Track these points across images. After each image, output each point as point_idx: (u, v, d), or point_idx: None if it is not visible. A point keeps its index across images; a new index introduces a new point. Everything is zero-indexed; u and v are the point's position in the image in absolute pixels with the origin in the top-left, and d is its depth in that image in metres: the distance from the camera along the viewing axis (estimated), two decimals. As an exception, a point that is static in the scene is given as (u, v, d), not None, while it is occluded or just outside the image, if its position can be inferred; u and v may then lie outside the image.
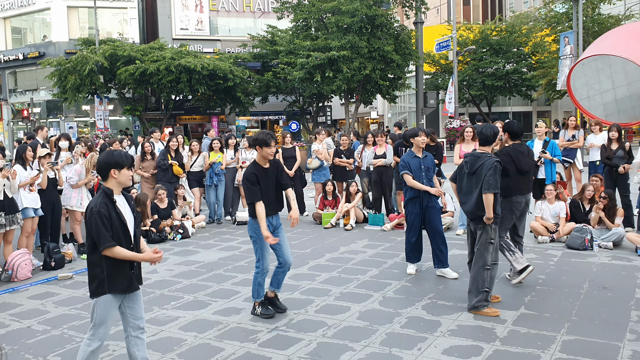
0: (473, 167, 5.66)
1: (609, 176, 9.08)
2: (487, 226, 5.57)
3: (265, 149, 5.54)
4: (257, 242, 5.61)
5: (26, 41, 36.88)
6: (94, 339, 3.95)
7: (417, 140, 7.16)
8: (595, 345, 4.69)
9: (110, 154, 3.97)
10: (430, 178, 7.08)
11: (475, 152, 5.85)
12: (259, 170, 5.59)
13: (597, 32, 25.81)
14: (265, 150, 5.55)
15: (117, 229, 3.82)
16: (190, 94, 26.53)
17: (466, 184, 5.78)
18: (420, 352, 4.66)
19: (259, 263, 5.66)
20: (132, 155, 4.27)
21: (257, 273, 5.67)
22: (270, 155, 5.63)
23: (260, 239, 5.56)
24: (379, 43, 22.81)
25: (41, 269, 7.86)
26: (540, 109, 39.31)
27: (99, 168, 3.97)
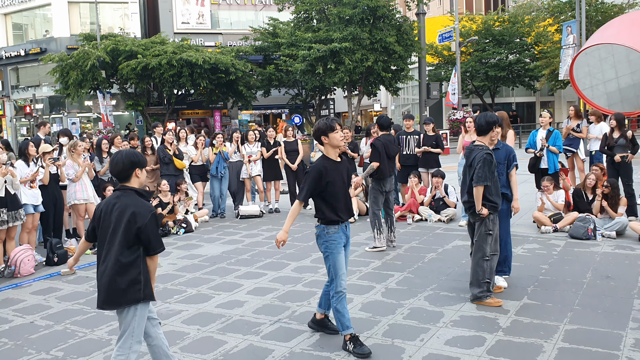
0: (469, 159, 5.63)
1: (612, 165, 9.04)
2: (486, 217, 5.54)
3: (333, 135, 4.62)
4: (330, 257, 4.60)
5: (27, 37, 36.87)
6: (132, 354, 3.72)
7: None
8: (598, 334, 4.68)
9: (134, 154, 3.84)
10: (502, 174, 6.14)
11: (472, 144, 5.77)
12: (330, 164, 4.63)
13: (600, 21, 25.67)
14: (333, 136, 4.62)
15: None
16: (192, 88, 26.51)
17: (465, 175, 5.75)
18: (422, 343, 4.65)
19: (333, 284, 4.59)
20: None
21: (333, 297, 4.57)
22: (341, 143, 4.69)
23: (332, 252, 4.58)
24: (381, 34, 22.72)
25: (44, 264, 7.89)
26: (543, 99, 39.17)
27: (123, 168, 3.74)
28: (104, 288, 3.68)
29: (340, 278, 4.57)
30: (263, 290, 6.26)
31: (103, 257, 3.74)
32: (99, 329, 5.33)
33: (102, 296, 3.70)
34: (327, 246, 4.61)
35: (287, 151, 11.29)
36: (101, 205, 3.84)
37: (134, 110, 29.08)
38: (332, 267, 4.59)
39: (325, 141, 4.65)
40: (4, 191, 7.32)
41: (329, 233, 4.60)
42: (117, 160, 3.79)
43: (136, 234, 3.63)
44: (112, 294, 3.65)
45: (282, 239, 4.59)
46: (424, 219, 9.68)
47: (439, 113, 35.22)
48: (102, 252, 3.75)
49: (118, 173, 3.79)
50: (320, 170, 4.56)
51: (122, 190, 3.77)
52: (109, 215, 3.71)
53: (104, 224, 3.74)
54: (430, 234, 8.71)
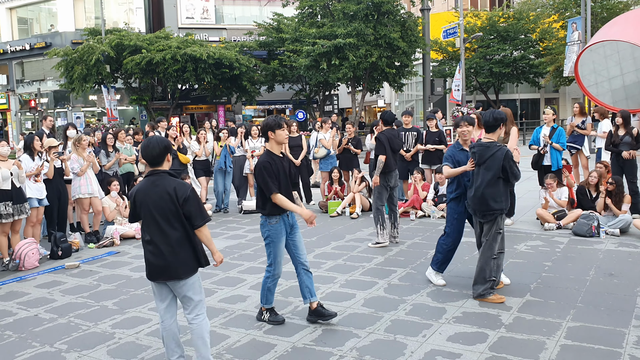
0: (483, 158, 5.45)
1: (616, 162, 9.01)
2: (497, 216, 5.47)
3: (279, 132, 4.99)
4: (270, 245, 5.04)
5: (32, 31, 36.94)
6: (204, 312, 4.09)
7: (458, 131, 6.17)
8: (601, 331, 4.68)
9: (166, 140, 4.06)
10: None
11: (483, 142, 5.58)
12: (275, 159, 5.02)
13: (606, 18, 25.55)
14: (278, 133, 5.00)
15: None
16: (196, 83, 26.52)
17: (475, 174, 5.56)
18: (425, 339, 4.66)
19: (271, 267, 5.09)
20: None
21: (268, 278, 5.12)
22: (285, 140, 5.11)
23: (275, 241, 5.02)
24: (385, 30, 22.68)
25: (48, 258, 7.93)
26: (547, 95, 39.04)
27: (158, 153, 3.93)
28: (161, 262, 3.89)
29: (279, 264, 5.09)
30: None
31: (151, 236, 3.92)
32: (103, 323, 5.36)
33: (161, 269, 3.91)
34: (269, 235, 5.02)
35: (291, 146, 11.28)
36: (138, 190, 3.99)
37: (138, 104, 29.12)
38: (273, 254, 5.06)
39: (272, 137, 5.01)
40: (10, 184, 7.34)
41: (270, 223, 5.00)
42: (152, 145, 3.96)
43: (181, 208, 3.86)
44: (173, 266, 3.88)
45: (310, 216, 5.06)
46: (427, 215, 9.68)
47: (443, 109, 35.11)
48: (149, 232, 3.93)
49: (153, 158, 3.95)
50: (269, 162, 4.95)
51: (156, 174, 3.95)
52: (150, 196, 3.89)
53: (145, 206, 3.91)
54: (433, 230, 8.71)
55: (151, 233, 3.92)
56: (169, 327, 4.07)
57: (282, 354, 4.50)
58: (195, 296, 4.01)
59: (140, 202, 3.94)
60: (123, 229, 8.96)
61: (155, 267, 3.93)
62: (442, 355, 4.35)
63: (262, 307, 5.24)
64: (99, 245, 8.53)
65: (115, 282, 6.68)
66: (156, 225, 3.89)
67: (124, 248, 8.43)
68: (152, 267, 3.95)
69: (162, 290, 4.05)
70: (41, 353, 4.73)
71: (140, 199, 3.94)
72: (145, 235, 3.98)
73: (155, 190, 3.89)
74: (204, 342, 4.04)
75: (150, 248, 3.93)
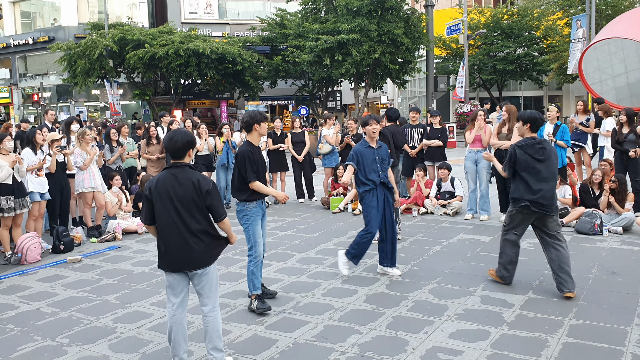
0: (545, 154, 5.48)
1: (620, 160, 8.98)
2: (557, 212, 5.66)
3: (264, 125, 5.42)
4: (250, 228, 5.31)
5: (35, 25, 36.94)
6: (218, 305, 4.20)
7: (368, 129, 6.33)
8: (603, 329, 4.67)
9: (190, 134, 4.14)
10: (385, 170, 6.29)
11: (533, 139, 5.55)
12: (254, 149, 5.39)
13: (611, 16, 25.41)
14: (263, 126, 5.42)
15: None
16: (199, 78, 26.48)
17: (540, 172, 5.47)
18: (426, 336, 4.65)
19: (252, 250, 5.34)
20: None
21: (251, 261, 5.34)
22: (266, 133, 5.57)
23: (252, 222, 5.30)
24: (388, 26, 22.60)
25: (50, 252, 7.93)
26: (551, 93, 38.91)
27: (182, 147, 4.02)
28: (186, 252, 3.97)
29: (258, 245, 5.34)
30: (268, 280, 6.26)
31: (173, 227, 3.97)
32: (104, 317, 5.36)
33: (185, 259, 3.98)
34: (247, 219, 5.32)
35: (294, 142, 11.27)
36: (157, 181, 4.03)
37: (140, 99, 29.11)
38: (252, 236, 5.32)
39: (256, 129, 5.39)
40: (11, 179, 7.34)
41: (248, 208, 5.32)
42: (176, 139, 4.05)
43: (204, 200, 3.97)
44: (197, 255, 3.99)
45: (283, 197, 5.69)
46: (430, 212, 9.67)
47: (446, 106, 35.07)
48: (170, 223, 3.97)
49: (176, 151, 4.04)
50: (251, 151, 5.28)
51: (177, 167, 4.03)
52: (173, 188, 3.96)
53: (166, 197, 3.96)
54: (436, 227, 8.69)
55: (173, 224, 3.96)
56: (179, 321, 4.09)
57: (283, 350, 4.50)
58: (212, 287, 4.12)
59: (160, 192, 3.97)
60: (125, 223, 8.96)
61: (178, 258, 3.98)
62: (443, 352, 4.34)
63: (251, 296, 5.38)
64: (101, 240, 8.54)
65: (117, 277, 6.68)
66: (179, 216, 3.95)
67: (126, 242, 8.43)
68: (174, 257, 3.98)
69: (180, 283, 4.08)
70: (43, 347, 4.73)
71: (161, 189, 3.97)
72: (165, 227, 3.99)
73: (178, 182, 3.96)
74: (218, 335, 4.12)
75: (171, 239, 3.97)
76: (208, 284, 4.09)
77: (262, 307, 5.30)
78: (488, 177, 8.81)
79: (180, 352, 4.10)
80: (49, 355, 4.56)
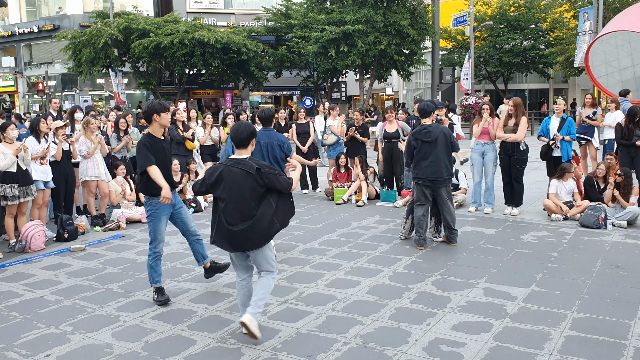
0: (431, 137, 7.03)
1: (627, 154, 8.92)
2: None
3: (164, 115, 5.26)
4: (153, 222, 5.27)
5: (41, 14, 36.89)
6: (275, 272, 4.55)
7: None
8: (606, 323, 4.66)
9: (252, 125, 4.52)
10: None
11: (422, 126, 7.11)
12: (156, 140, 5.28)
13: (618, 8, 25.22)
14: (164, 116, 5.26)
15: None
16: (203, 67, 26.45)
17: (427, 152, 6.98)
18: (429, 328, 4.66)
19: (152, 245, 5.33)
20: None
21: (150, 256, 5.34)
22: (168, 124, 5.40)
23: (155, 218, 5.26)
24: (394, 17, 22.51)
25: (54, 240, 7.95)
26: (557, 86, 38.74)
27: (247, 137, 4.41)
28: (243, 234, 4.29)
29: (159, 241, 5.33)
30: (271, 271, 6.28)
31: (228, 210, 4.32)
32: (108, 305, 5.38)
33: (243, 241, 4.33)
34: (151, 214, 5.29)
35: (298, 133, 11.25)
36: (224, 167, 4.36)
37: (145, 89, 29.11)
38: (153, 232, 5.31)
39: (156, 119, 5.26)
40: (16, 167, 7.36)
41: (152, 203, 5.26)
42: (241, 130, 4.44)
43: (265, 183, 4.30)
44: (255, 237, 4.32)
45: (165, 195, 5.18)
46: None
47: (451, 98, 34.96)
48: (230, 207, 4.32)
49: (241, 140, 4.44)
50: (146, 143, 5.21)
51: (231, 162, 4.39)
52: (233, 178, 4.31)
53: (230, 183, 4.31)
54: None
55: (235, 212, 4.29)
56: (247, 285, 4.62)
57: (286, 340, 4.50)
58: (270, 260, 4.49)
59: (226, 177, 4.31)
60: (129, 212, 8.98)
61: (244, 239, 4.31)
62: (446, 344, 4.34)
63: (153, 288, 5.44)
64: (105, 229, 8.56)
65: (121, 265, 6.70)
66: (239, 206, 4.29)
67: (130, 231, 8.45)
68: (240, 239, 4.31)
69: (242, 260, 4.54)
70: (46, 334, 4.75)
71: (226, 174, 4.31)
72: (224, 214, 4.32)
73: (240, 174, 4.29)
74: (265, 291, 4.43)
75: (239, 222, 4.28)
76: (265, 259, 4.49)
77: (161, 299, 5.35)
78: (494, 170, 8.78)
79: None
80: (53, 342, 4.58)
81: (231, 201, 4.32)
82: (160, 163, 5.24)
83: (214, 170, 4.44)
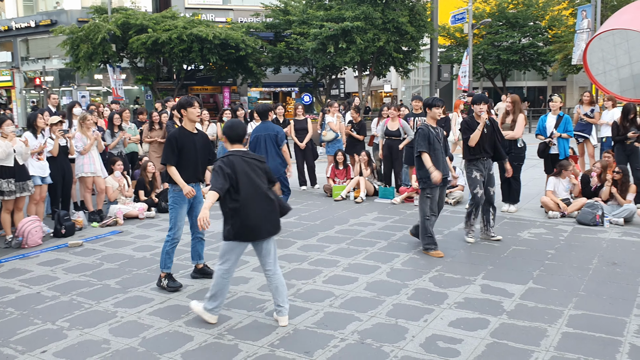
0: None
1: (622, 152, 8.94)
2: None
3: (191, 110, 5.45)
4: (174, 209, 5.53)
5: (38, 8, 36.72)
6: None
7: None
8: (602, 319, 4.67)
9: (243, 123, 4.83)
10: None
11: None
12: (186, 134, 5.51)
13: (616, 6, 25.21)
14: (190, 111, 5.46)
15: None
16: (202, 63, 26.37)
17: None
18: (426, 324, 4.66)
19: (171, 232, 5.56)
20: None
21: (167, 241, 5.57)
22: (197, 118, 5.62)
23: (177, 205, 5.51)
24: (393, 14, 22.47)
25: (51, 236, 7.94)
26: (555, 84, 38.78)
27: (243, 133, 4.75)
28: (267, 220, 4.55)
29: (178, 228, 5.56)
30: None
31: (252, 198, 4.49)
32: (105, 301, 5.37)
33: (269, 227, 4.57)
34: (174, 201, 5.52)
35: (297, 129, 11.24)
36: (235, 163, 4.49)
37: (143, 84, 29.02)
38: (174, 219, 5.54)
39: (184, 114, 5.50)
40: (13, 161, 7.34)
41: (175, 190, 5.50)
42: (236, 126, 4.73)
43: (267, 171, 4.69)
44: (276, 223, 4.63)
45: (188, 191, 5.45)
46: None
47: (449, 96, 34.95)
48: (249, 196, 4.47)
49: (239, 136, 4.71)
50: (175, 136, 5.42)
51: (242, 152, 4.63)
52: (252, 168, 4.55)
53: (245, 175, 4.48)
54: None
55: (259, 199, 4.50)
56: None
57: (284, 336, 4.51)
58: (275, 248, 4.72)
59: (241, 171, 4.45)
60: (127, 208, 8.97)
61: (266, 227, 4.54)
62: (443, 340, 4.35)
63: (161, 274, 5.60)
64: (103, 225, 8.55)
65: (118, 262, 6.70)
66: (261, 192, 4.52)
67: (127, 228, 8.44)
68: (261, 228, 4.52)
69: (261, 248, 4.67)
70: (43, 330, 4.75)
71: (241, 169, 4.46)
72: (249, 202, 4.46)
73: (253, 163, 4.56)
74: (284, 287, 4.72)
75: (259, 212, 4.49)
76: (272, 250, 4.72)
77: (172, 285, 5.53)
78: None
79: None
80: (49, 338, 4.58)
81: (254, 190, 4.50)
82: (186, 157, 5.46)
83: (229, 164, 4.47)
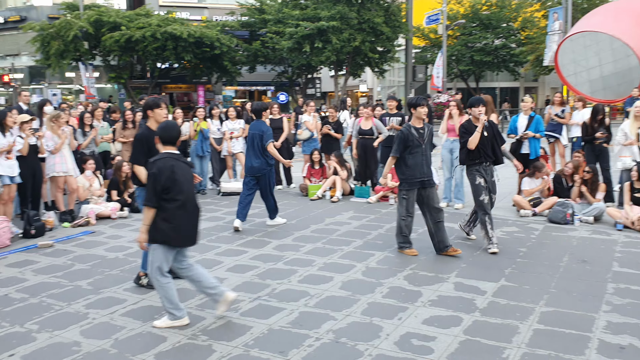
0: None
1: (592, 152, 9.13)
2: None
3: (157, 111, 5.37)
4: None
5: (6, 4, 36.00)
6: None
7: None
8: (572, 316, 4.76)
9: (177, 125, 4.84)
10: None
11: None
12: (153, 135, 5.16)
13: (586, 9, 25.74)
14: (157, 112, 5.37)
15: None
16: (176, 62, 26.17)
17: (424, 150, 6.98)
18: (400, 322, 4.69)
19: None
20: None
21: None
22: (163, 120, 5.34)
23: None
24: (369, 14, 22.59)
25: (20, 236, 7.76)
26: (527, 84, 39.35)
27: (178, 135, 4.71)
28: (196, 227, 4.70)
29: None
30: (243, 267, 6.25)
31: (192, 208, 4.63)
32: (76, 303, 5.28)
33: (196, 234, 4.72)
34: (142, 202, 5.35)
35: (272, 128, 11.15)
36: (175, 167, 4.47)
37: (116, 83, 28.66)
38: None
39: (151, 115, 5.45)
40: (-19, 161, 7.17)
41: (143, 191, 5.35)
42: (171, 128, 4.69)
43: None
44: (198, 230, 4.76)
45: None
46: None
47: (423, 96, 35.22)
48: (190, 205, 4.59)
49: (173, 138, 4.65)
50: (145, 136, 5.38)
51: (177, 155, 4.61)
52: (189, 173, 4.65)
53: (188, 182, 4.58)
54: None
55: (192, 206, 4.60)
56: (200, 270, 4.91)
57: (258, 336, 4.49)
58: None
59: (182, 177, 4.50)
60: (99, 208, 8.83)
61: (195, 234, 4.70)
62: (417, 338, 4.38)
63: (140, 272, 5.66)
64: (74, 225, 8.40)
65: (90, 262, 6.59)
66: (193, 199, 4.63)
67: (100, 228, 8.32)
68: (192, 234, 4.66)
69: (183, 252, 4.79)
70: (11, 333, 4.64)
71: (181, 174, 4.49)
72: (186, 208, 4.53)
73: (186, 167, 4.61)
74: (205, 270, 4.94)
75: (192, 219, 4.62)
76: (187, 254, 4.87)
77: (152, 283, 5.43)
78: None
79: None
80: (17, 341, 4.48)
81: (190, 195, 4.59)
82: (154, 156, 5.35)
83: (166, 168, 4.42)
